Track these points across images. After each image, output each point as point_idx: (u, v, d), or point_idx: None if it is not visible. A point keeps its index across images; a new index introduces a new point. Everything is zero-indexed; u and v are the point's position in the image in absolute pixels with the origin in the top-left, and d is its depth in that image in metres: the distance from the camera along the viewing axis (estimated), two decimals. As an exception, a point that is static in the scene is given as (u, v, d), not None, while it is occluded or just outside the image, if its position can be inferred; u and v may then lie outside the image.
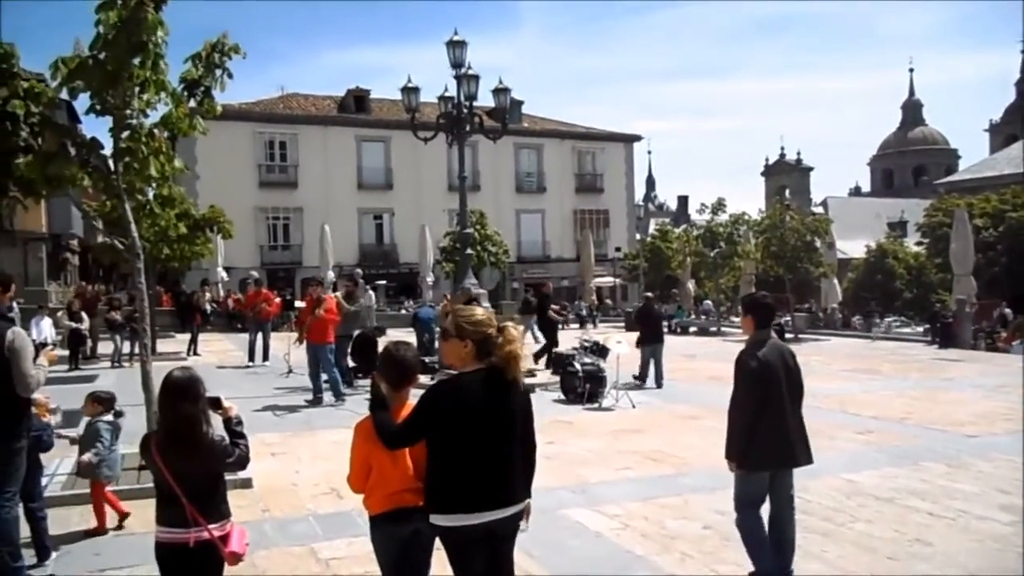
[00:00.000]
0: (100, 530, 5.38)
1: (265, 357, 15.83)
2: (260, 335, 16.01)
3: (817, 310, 32.85)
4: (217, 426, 3.30)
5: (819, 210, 49.15)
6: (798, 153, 73.65)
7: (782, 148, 76.07)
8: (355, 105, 41.56)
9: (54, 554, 4.85)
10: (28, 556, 4.69)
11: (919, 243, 45.22)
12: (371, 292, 14.66)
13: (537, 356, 14.45)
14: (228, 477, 3.38)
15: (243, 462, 3.30)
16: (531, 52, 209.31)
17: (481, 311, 3.30)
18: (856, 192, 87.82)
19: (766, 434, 4.27)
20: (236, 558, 3.17)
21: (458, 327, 3.14)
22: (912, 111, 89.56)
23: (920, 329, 28.33)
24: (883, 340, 26.28)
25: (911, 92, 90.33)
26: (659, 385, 12.77)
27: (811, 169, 73.30)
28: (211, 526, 3.11)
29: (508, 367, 3.08)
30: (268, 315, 16.39)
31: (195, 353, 17.36)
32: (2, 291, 4.53)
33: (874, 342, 25.07)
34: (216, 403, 3.30)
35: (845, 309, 32.39)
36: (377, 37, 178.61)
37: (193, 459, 3.13)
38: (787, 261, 29.06)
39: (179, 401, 3.13)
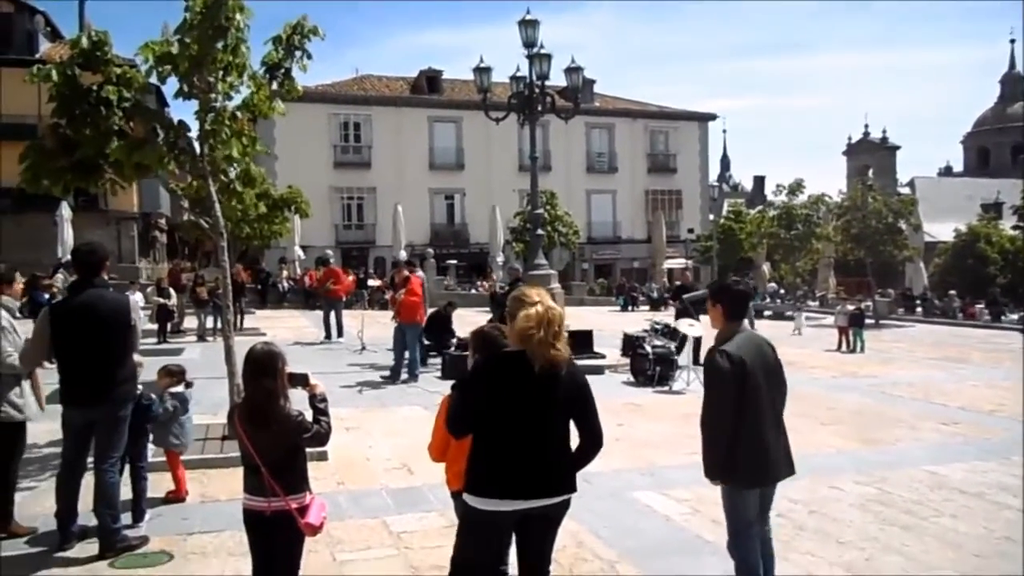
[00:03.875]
0: (178, 496, 5.63)
1: (339, 334, 16.23)
2: (333, 313, 16.43)
3: (932, 297, 31.27)
4: (301, 401, 3.41)
5: (905, 191, 46.86)
6: (883, 131, 70.23)
7: (866, 126, 72.44)
8: (428, 86, 41.88)
9: (147, 516, 5.14)
10: (125, 518, 4.99)
11: (1016, 227, 42.67)
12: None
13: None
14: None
15: (322, 439, 3.39)
16: (603, 28, 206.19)
17: (535, 289, 3.17)
18: (947, 172, 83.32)
19: (746, 446, 3.59)
20: (312, 530, 3.27)
21: (507, 305, 3.16)
22: (1012, 85, 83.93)
23: (1014, 317, 26.81)
24: (973, 328, 25.05)
25: (1011, 65, 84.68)
26: None
27: (897, 148, 69.83)
28: (289, 497, 3.22)
29: (525, 348, 2.94)
30: (336, 294, 16.78)
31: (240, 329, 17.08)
32: (104, 266, 4.85)
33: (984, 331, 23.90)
34: (304, 380, 3.41)
35: (967, 296, 30.61)
36: (449, 17, 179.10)
37: (269, 431, 3.24)
38: (869, 244, 27.96)
39: (258, 375, 3.25)
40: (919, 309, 29.17)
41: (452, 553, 3.26)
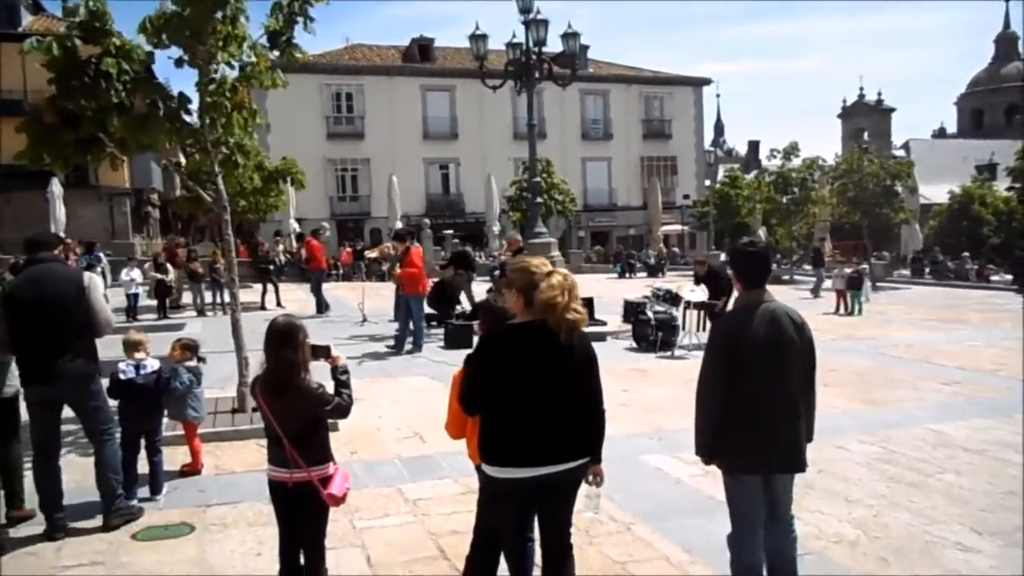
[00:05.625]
0: (194, 469, 5.67)
1: (319, 308, 16.11)
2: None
3: (945, 260, 30.70)
4: (324, 374, 3.42)
5: (900, 153, 46.81)
6: (878, 93, 70.02)
7: (861, 88, 72.49)
8: (419, 54, 41.39)
9: (165, 488, 5.20)
10: (142, 491, 5.04)
11: (1011, 187, 42.72)
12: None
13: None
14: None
15: (344, 411, 3.41)
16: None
17: (537, 259, 3.18)
18: (941, 134, 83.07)
19: (733, 427, 3.32)
20: (335, 500, 3.31)
21: (507, 275, 3.15)
22: (1006, 45, 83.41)
23: (1008, 277, 26.97)
24: (968, 289, 25.20)
25: (1006, 24, 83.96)
26: None
27: (892, 110, 69.68)
28: (312, 468, 3.25)
29: (547, 317, 2.94)
30: (317, 266, 16.88)
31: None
32: (54, 244, 5.00)
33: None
34: (327, 352, 3.42)
35: (980, 262, 30.18)
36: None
37: (289, 402, 3.25)
38: (865, 207, 28.01)
39: (279, 347, 3.25)
40: (928, 272, 29.02)
41: (475, 523, 3.29)
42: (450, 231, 34.65)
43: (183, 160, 16.19)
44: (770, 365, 3.29)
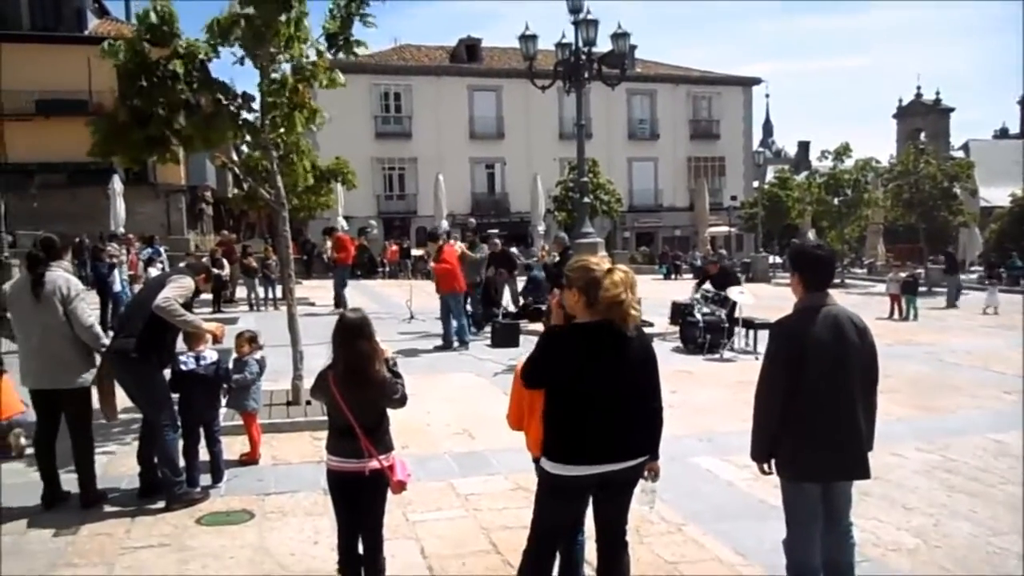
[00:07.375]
0: (252, 458, 5.82)
1: (336, 304, 15.60)
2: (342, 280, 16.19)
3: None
4: None
5: (959, 155, 45.36)
6: (936, 92, 68.00)
7: (918, 87, 70.17)
8: (467, 55, 41.65)
9: (225, 477, 5.36)
10: (204, 479, 5.21)
11: (1077, 190, 41.05)
12: (484, 246, 14.52)
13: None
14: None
15: (404, 399, 3.50)
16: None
17: (596, 257, 3.21)
18: (1003, 134, 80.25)
19: (793, 434, 3.26)
20: (402, 486, 3.41)
21: (567, 274, 3.15)
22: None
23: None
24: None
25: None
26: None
27: (951, 110, 67.58)
28: (381, 457, 3.34)
29: (612, 315, 2.97)
30: (342, 261, 16.42)
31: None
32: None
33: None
34: None
35: None
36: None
37: (367, 393, 3.34)
38: (921, 209, 27.25)
39: (355, 339, 3.34)
40: (1004, 278, 27.76)
41: (533, 518, 3.28)
42: (495, 230, 34.79)
43: (235, 158, 16.51)
44: (831, 370, 3.23)
